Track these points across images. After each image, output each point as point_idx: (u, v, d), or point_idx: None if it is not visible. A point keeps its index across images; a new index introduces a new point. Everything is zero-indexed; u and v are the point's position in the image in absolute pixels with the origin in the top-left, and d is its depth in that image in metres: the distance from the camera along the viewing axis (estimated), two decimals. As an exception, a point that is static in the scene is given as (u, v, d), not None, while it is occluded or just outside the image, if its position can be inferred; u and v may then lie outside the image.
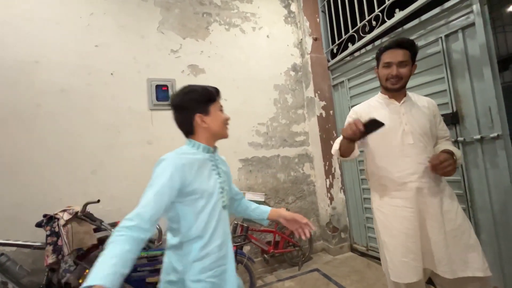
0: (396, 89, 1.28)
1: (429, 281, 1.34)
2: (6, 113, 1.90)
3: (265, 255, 2.40)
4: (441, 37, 1.77)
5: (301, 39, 2.99)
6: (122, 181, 2.15)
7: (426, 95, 1.86)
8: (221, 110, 1.02)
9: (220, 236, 0.92)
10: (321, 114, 2.83)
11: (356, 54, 2.51)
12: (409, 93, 1.35)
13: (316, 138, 2.82)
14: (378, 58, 1.33)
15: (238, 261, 1.86)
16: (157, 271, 1.72)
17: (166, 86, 2.34)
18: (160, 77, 2.36)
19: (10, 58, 1.93)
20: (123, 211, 2.22)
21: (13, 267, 1.64)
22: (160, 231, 1.62)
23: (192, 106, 0.95)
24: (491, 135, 1.54)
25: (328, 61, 2.93)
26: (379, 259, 2.42)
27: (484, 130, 1.59)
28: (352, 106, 2.60)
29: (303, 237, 1.10)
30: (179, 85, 2.42)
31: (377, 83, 2.29)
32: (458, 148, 1.69)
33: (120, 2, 2.30)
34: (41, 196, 1.91)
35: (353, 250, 2.75)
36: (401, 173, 1.24)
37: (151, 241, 1.63)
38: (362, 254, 2.63)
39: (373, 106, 1.37)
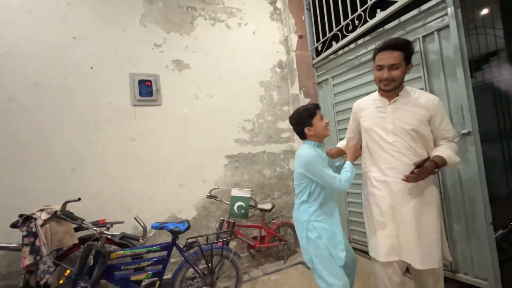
0: (389, 90, 1.33)
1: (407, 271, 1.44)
2: (-26, 107, 1.78)
3: (251, 250, 2.43)
4: (419, 38, 1.85)
5: (287, 36, 3.02)
6: (104, 178, 2.09)
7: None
8: (322, 118, 1.43)
9: (328, 199, 1.41)
10: (306, 111, 2.87)
11: (340, 52, 2.56)
12: (408, 90, 1.36)
13: (301, 135, 2.87)
14: (373, 60, 1.36)
15: (224, 257, 1.87)
16: (142, 269, 1.70)
17: (150, 81, 2.29)
18: (143, 72, 2.30)
19: (-22, 48, 1.81)
20: (106, 209, 2.19)
21: (-14, 270, 1.56)
22: (144, 229, 1.60)
23: (301, 123, 1.42)
24: (463, 132, 1.64)
25: (313, 58, 2.97)
26: (361, 251, 2.53)
27: (456, 127, 1.69)
28: (336, 103, 2.68)
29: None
30: (163, 80, 2.37)
31: (359, 81, 2.37)
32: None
33: (100, -7, 2.21)
34: (15, 196, 1.82)
35: (336, 242, 2.84)
36: (380, 167, 1.35)
37: (135, 238, 1.60)
38: (345, 247, 2.73)
39: (367, 104, 1.47)
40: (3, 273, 1.66)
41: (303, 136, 1.45)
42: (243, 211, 2.22)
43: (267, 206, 2.48)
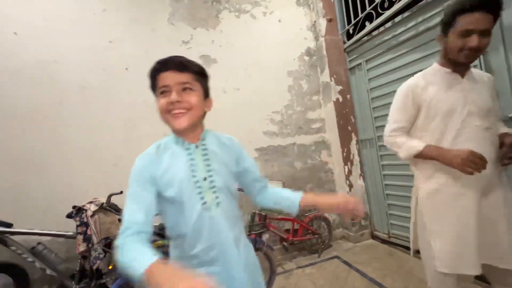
0: (468, 63, 1.07)
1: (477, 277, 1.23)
2: (33, 112, 2.00)
3: (284, 243, 2.42)
4: (470, 7, 1.61)
5: (315, 21, 2.86)
6: (143, 173, 2.22)
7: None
8: (164, 92, 0.77)
9: (205, 239, 0.78)
10: (337, 99, 2.72)
11: (374, 33, 2.36)
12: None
13: (333, 125, 2.74)
14: (449, 22, 1.03)
15: (257, 249, 1.88)
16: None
17: (179, 78, 2.34)
18: (173, 69, 2.36)
19: (31, 58, 2.02)
20: (145, 202, 2.28)
21: (49, 255, 1.77)
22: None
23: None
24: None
25: (344, 42, 2.79)
26: (402, 246, 2.36)
27: (522, 108, 1.46)
28: (371, 89, 2.49)
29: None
30: (192, 76, 2.42)
31: (398, 63, 2.16)
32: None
33: (130, -4, 2.31)
34: (69, 189, 2.03)
35: (374, 237, 2.69)
36: None
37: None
38: (384, 242, 2.57)
39: (432, 81, 1.13)
40: (64, 258, 1.87)
41: None
42: (274, 204, 2.19)
43: (299, 198, 2.42)
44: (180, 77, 0.77)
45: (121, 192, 1.82)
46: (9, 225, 1.63)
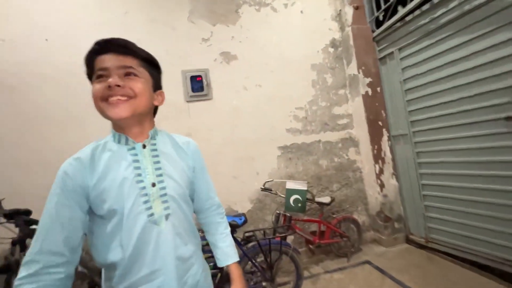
0: None
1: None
2: (63, 114, 2.07)
3: (310, 246, 2.30)
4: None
5: (340, 10, 2.68)
6: (166, 173, 2.22)
7: (500, 58, 1.52)
8: (100, 77, 0.65)
9: (149, 262, 0.63)
10: (366, 92, 2.53)
11: (408, 18, 2.14)
12: None
13: (362, 120, 2.55)
14: None
15: (283, 252, 1.79)
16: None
17: (200, 76, 2.32)
18: (193, 67, 2.34)
19: (61, 62, 2.08)
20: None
21: (81, 252, 1.82)
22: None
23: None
24: None
25: (373, 31, 2.58)
26: (443, 252, 2.13)
27: None
28: (405, 80, 2.27)
29: None
30: (213, 74, 2.37)
31: (438, 49, 1.94)
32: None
33: (151, -4, 2.31)
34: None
35: (409, 241, 2.48)
36: None
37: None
38: (421, 247, 2.35)
39: None
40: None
41: None
42: (299, 205, 2.09)
43: (326, 199, 2.29)
44: (122, 60, 0.64)
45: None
46: (43, 224, 1.70)
